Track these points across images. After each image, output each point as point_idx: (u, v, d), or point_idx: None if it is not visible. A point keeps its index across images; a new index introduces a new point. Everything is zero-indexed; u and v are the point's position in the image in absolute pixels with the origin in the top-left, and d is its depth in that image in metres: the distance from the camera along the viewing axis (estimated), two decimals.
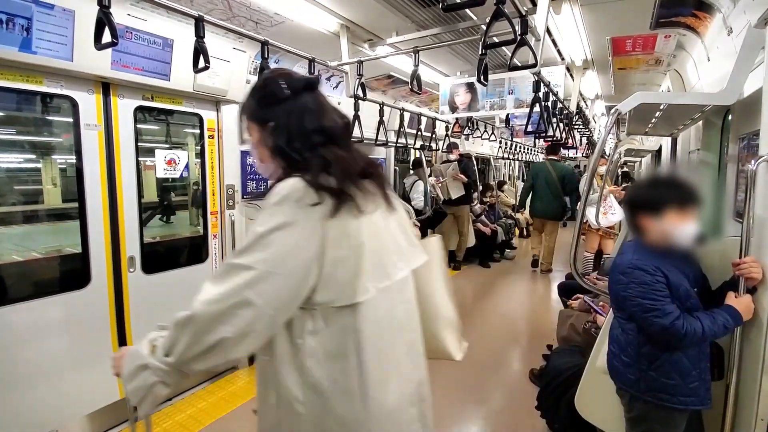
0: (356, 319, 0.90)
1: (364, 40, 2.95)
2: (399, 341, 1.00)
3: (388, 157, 5.25)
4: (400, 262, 1.01)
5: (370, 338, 0.92)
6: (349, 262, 0.89)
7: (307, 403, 0.91)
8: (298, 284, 0.86)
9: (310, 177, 0.87)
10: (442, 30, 2.65)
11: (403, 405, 0.99)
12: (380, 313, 0.94)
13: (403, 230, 1.07)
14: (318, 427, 0.92)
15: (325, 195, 0.86)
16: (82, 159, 2.33)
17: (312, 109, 0.96)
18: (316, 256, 0.86)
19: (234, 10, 2.43)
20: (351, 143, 1.02)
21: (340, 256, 0.88)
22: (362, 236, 0.90)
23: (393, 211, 1.03)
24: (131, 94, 2.54)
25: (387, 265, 0.97)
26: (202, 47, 1.86)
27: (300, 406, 0.91)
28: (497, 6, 1.51)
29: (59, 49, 2.06)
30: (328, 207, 0.86)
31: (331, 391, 0.90)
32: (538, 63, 2.03)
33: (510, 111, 3.56)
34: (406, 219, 1.11)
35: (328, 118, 0.97)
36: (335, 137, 0.95)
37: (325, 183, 0.87)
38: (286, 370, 0.91)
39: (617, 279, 1.44)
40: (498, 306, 4.75)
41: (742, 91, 1.81)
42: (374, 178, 0.98)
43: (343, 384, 0.91)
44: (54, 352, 2.26)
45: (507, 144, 7.83)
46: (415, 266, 1.07)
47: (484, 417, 2.66)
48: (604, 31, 2.94)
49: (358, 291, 0.89)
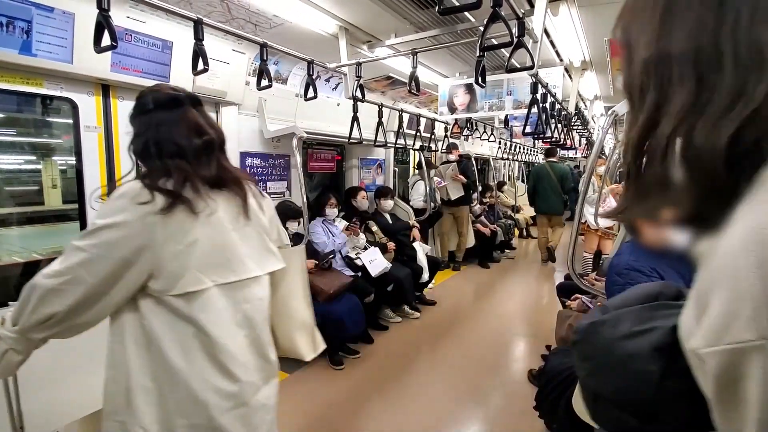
0: (192, 307, 1.02)
1: (362, 41, 2.96)
2: (239, 335, 1.10)
3: (387, 158, 5.26)
4: (252, 263, 1.13)
5: (206, 327, 1.03)
6: (183, 256, 1.00)
7: (151, 385, 1.03)
8: (125, 269, 0.98)
9: (148, 181, 1.01)
10: (440, 32, 2.66)
11: (231, 398, 1.08)
12: (219, 305, 1.06)
13: (261, 238, 1.19)
14: (162, 408, 1.03)
15: (158, 196, 0.98)
16: (81, 161, 2.34)
17: (168, 124, 1.08)
18: (145, 248, 0.98)
19: (233, 12, 2.44)
20: (216, 157, 1.13)
21: (175, 250, 0.99)
22: (198, 235, 1.02)
23: (250, 220, 1.16)
24: (131, 96, 2.55)
25: (233, 263, 1.09)
26: (201, 50, 1.87)
27: (145, 388, 1.03)
28: (494, 9, 1.51)
29: (59, 52, 2.07)
30: (159, 206, 0.97)
31: (173, 373, 1.01)
32: (536, 65, 2.03)
33: (509, 112, 3.57)
34: (268, 229, 1.24)
35: (182, 135, 1.08)
36: (185, 153, 1.07)
37: (162, 186, 1.00)
38: (134, 352, 1.04)
39: (614, 280, 1.45)
40: (497, 306, 4.75)
41: None
42: (232, 190, 1.12)
43: (183, 368, 1.02)
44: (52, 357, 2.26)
45: (506, 145, 7.84)
46: (269, 270, 1.20)
47: (482, 417, 2.66)
48: (602, 32, 2.96)
49: (189, 282, 1.01)
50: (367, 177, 4.95)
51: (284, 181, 3.66)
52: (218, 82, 2.82)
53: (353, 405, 2.75)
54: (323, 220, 3.75)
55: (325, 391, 2.90)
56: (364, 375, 3.14)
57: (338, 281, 3.29)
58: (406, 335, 3.88)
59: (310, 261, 3.29)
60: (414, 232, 4.64)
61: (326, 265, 3.36)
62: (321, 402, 2.78)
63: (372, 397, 2.84)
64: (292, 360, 3.51)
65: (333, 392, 2.89)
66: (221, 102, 3.00)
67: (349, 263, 3.72)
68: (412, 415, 2.65)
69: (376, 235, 4.28)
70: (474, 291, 5.35)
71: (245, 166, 3.26)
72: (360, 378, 3.09)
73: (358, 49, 2.99)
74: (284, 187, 3.66)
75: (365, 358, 3.39)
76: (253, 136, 3.32)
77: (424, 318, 4.28)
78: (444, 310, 4.56)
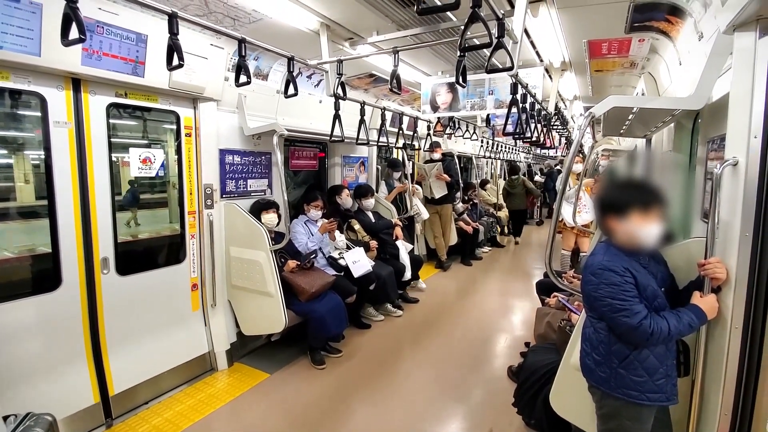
0: None
1: (344, 38, 2.93)
2: None
3: (370, 155, 5.24)
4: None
5: None
6: None
7: None
8: None
9: None
10: (422, 30, 2.66)
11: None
12: None
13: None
14: None
15: None
16: (51, 156, 2.26)
17: None
18: None
19: (210, 6, 2.38)
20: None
21: None
22: None
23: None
24: (103, 90, 2.47)
25: None
26: (176, 44, 1.81)
27: None
28: (473, 9, 1.51)
29: (26, 44, 1.99)
30: None
31: None
32: (515, 65, 2.04)
33: (490, 111, 3.60)
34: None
35: None
36: None
37: None
38: None
39: (588, 279, 1.48)
40: (479, 303, 4.80)
41: (710, 96, 1.87)
42: None
43: None
44: (21, 360, 2.19)
45: (489, 143, 7.91)
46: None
47: (463, 414, 2.69)
48: (580, 33, 3.00)
49: None
50: (349, 175, 4.92)
51: (265, 179, 3.60)
52: (196, 78, 2.76)
53: (335, 404, 2.74)
54: (306, 220, 3.72)
55: (306, 391, 2.88)
56: (347, 374, 3.13)
57: (320, 280, 3.27)
58: (388, 333, 3.88)
59: (291, 261, 3.26)
60: (397, 230, 4.64)
61: (308, 265, 3.33)
62: (303, 401, 2.76)
63: (354, 396, 2.84)
64: (273, 360, 3.49)
65: (315, 391, 2.88)
66: (199, 98, 2.93)
67: (332, 263, 3.70)
68: (395, 413, 2.65)
69: (359, 234, 4.27)
70: (456, 288, 5.39)
71: (224, 164, 3.20)
72: (342, 377, 3.08)
73: (339, 46, 2.96)
74: (265, 185, 3.60)
75: (347, 356, 3.38)
76: (233, 132, 3.26)
77: (406, 316, 4.29)
78: (426, 307, 4.58)
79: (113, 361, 2.58)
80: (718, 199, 1.47)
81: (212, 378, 3.04)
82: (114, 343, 2.59)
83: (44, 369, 2.28)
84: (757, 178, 1.35)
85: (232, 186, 3.30)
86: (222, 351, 3.16)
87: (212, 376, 3.07)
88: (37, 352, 2.26)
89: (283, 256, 3.28)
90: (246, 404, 2.73)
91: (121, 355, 2.62)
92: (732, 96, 1.45)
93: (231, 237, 3.22)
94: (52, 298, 2.29)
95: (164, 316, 2.90)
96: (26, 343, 2.21)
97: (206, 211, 3.07)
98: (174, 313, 2.97)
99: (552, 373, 2.07)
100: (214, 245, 3.12)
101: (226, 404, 2.71)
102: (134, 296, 2.70)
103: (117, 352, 2.61)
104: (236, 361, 3.26)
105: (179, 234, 3.01)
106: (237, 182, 3.34)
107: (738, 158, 1.39)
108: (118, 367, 2.59)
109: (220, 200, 3.18)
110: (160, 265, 2.91)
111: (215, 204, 3.13)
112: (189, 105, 2.95)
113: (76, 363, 2.43)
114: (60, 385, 2.32)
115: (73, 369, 2.40)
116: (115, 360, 2.59)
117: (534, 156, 14.09)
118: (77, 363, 2.43)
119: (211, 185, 3.09)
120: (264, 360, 3.30)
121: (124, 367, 2.62)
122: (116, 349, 2.60)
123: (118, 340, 2.61)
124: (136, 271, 2.72)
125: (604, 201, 1.56)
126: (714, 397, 1.51)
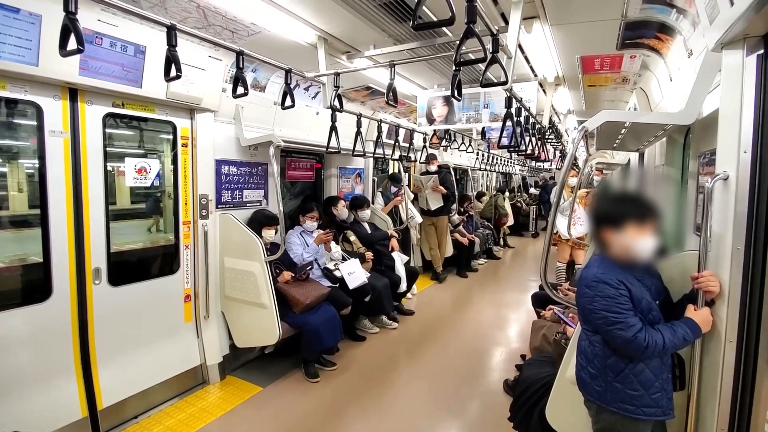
0: None
1: (341, 52, 2.97)
2: None
3: (366, 167, 5.26)
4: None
5: None
6: None
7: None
8: None
9: None
10: (418, 45, 2.70)
11: None
12: None
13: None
14: None
15: None
16: (45, 166, 2.25)
17: None
18: None
19: (209, 19, 2.41)
20: None
21: None
22: None
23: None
24: (100, 100, 2.48)
25: None
26: (174, 56, 1.83)
27: None
28: (468, 25, 1.54)
29: (24, 54, 1.99)
30: None
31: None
32: (509, 80, 2.08)
33: (485, 124, 3.63)
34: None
35: None
36: None
37: None
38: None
39: (583, 292, 1.48)
40: (475, 315, 4.78)
41: (701, 111, 1.90)
42: None
43: None
44: (6, 373, 2.14)
45: (484, 156, 7.97)
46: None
47: (457, 428, 2.65)
48: (573, 49, 3.05)
49: None
50: (346, 186, 4.93)
51: (261, 190, 3.60)
52: (193, 89, 2.77)
53: (329, 417, 2.70)
54: (302, 230, 3.71)
55: (300, 404, 2.84)
56: (341, 387, 3.09)
57: (315, 292, 3.24)
58: (383, 346, 3.85)
59: (286, 272, 3.24)
60: (392, 242, 4.64)
61: (303, 276, 3.32)
62: (296, 416, 2.71)
63: (349, 410, 2.80)
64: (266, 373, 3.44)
65: (308, 405, 2.83)
66: (196, 109, 2.94)
67: (327, 274, 3.68)
68: (390, 427, 2.61)
69: (354, 245, 4.26)
70: (452, 300, 5.37)
71: (221, 174, 3.20)
72: (337, 390, 3.04)
73: (337, 59, 2.99)
74: (261, 196, 3.60)
75: (342, 369, 3.34)
76: (230, 143, 3.27)
77: (401, 328, 4.26)
78: (422, 320, 4.55)
79: (102, 374, 2.53)
80: (710, 212, 1.49)
81: (204, 391, 2.99)
82: (104, 355, 2.55)
83: (31, 382, 2.23)
84: (747, 192, 1.37)
85: (228, 196, 3.30)
86: (214, 364, 3.12)
87: (204, 389, 3.02)
88: (24, 365, 2.21)
89: (278, 266, 3.26)
90: (238, 418, 2.68)
91: (111, 367, 2.58)
92: (721, 111, 1.47)
93: (226, 247, 3.21)
94: (41, 309, 2.26)
95: (156, 327, 2.86)
96: (13, 356, 2.16)
97: (201, 222, 3.06)
98: (166, 325, 2.93)
99: (548, 386, 2.06)
100: (208, 256, 3.10)
101: (217, 418, 2.66)
102: (126, 307, 2.66)
103: (107, 365, 2.56)
104: (228, 374, 3.21)
105: (173, 244, 2.99)
106: (233, 192, 3.34)
107: (729, 172, 1.41)
108: (108, 380, 2.54)
109: (216, 210, 3.17)
110: (153, 275, 2.89)
111: (210, 214, 3.11)
112: (186, 115, 2.96)
113: (65, 376, 2.38)
114: (47, 399, 2.27)
115: (60, 382, 2.35)
116: (104, 373, 2.54)
117: (529, 168, 14.21)
118: (65, 376, 2.39)
119: (206, 195, 3.09)
120: (257, 373, 3.25)
121: (114, 380, 2.57)
122: (106, 361, 2.56)
123: (108, 352, 2.57)
124: (128, 281, 2.69)
125: (599, 213, 1.57)
126: (710, 411, 1.50)
